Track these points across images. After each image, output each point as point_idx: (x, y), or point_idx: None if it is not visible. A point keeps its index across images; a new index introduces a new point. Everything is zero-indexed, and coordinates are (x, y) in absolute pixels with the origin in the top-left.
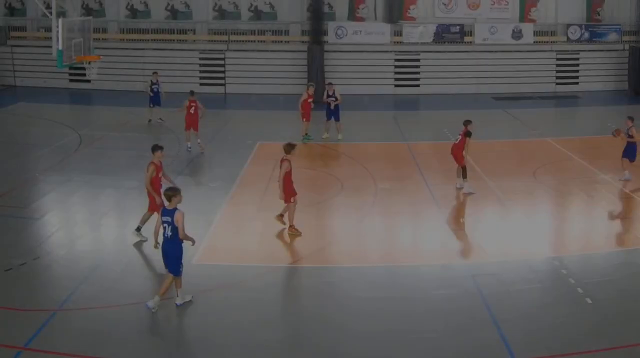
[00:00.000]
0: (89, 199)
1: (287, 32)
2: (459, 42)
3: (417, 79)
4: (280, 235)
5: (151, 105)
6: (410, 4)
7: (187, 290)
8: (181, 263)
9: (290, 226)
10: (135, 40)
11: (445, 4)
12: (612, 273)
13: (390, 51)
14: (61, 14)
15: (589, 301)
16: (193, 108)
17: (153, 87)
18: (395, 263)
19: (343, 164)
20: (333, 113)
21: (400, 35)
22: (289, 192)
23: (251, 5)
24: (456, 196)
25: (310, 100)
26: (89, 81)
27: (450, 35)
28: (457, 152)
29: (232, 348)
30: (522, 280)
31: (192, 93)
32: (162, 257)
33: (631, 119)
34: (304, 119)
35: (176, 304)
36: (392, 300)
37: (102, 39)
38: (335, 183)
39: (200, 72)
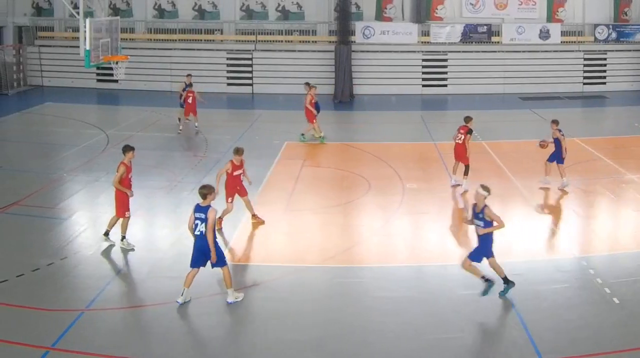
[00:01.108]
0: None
1: (314, 32)
2: (487, 42)
3: (445, 79)
4: (307, 235)
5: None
6: (437, 4)
7: (214, 288)
8: (223, 253)
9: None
10: (162, 40)
11: (472, 4)
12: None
13: (418, 51)
14: (89, 14)
15: (616, 301)
16: (190, 98)
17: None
18: (422, 263)
19: (371, 164)
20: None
21: (428, 35)
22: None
23: (279, 5)
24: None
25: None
26: (116, 81)
27: (478, 35)
28: (462, 151)
29: (258, 348)
30: (549, 280)
31: (190, 85)
32: (199, 254)
33: (555, 122)
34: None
35: (228, 302)
36: (418, 300)
37: (130, 39)
38: (362, 183)
39: (228, 72)
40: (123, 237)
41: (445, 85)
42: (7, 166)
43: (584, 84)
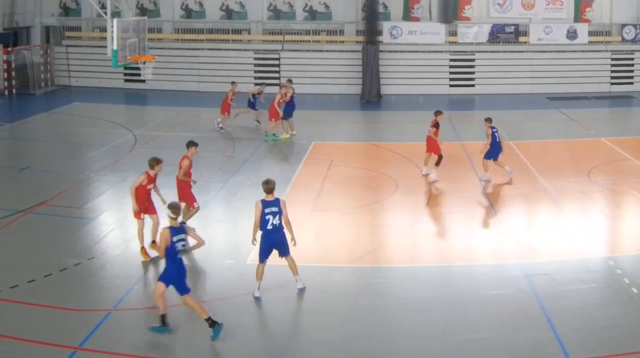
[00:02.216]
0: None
1: (341, 32)
2: (514, 42)
3: (472, 79)
4: (334, 235)
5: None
6: (465, 4)
7: (242, 288)
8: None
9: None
10: (189, 40)
11: (500, 4)
12: None
13: (445, 51)
14: (116, 14)
15: None
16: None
17: (257, 96)
18: (449, 263)
19: (398, 164)
20: (289, 110)
21: (455, 35)
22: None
23: (306, 5)
24: (511, 195)
25: (282, 101)
26: (143, 81)
27: (505, 35)
28: (433, 143)
29: (285, 348)
30: (577, 280)
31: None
32: (269, 247)
33: (488, 119)
34: (275, 119)
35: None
36: (446, 300)
37: (157, 39)
38: (390, 183)
39: (255, 72)
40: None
41: (473, 85)
42: (35, 166)
43: (612, 83)
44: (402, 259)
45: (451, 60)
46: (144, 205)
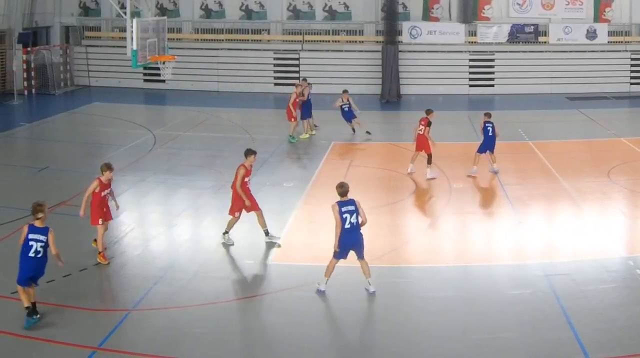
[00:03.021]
0: (163, 199)
1: (361, 32)
2: (534, 42)
3: (492, 79)
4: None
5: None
6: (484, 4)
7: (262, 288)
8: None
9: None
10: (209, 40)
11: (519, 4)
12: None
13: (465, 51)
14: (136, 14)
15: None
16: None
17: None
18: (468, 263)
19: (417, 164)
20: (307, 111)
21: (475, 35)
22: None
23: (326, 5)
24: (530, 195)
25: (298, 99)
26: (163, 81)
27: (525, 35)
28: (424, 141)
29: (306, 348)
30: (596, 280)
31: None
32: (352, 246)
33: (487, 114)
34: (293, 120)
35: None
36: (465, 300)
37: (177, 39)
38: (409, 183)
39: (275, 72)
40: (226, 231)
41: (493, 85)
42: (55, 166)
43: (631, 83)
44: (421, 259)
45: (471, 60)
46: (102, 211)
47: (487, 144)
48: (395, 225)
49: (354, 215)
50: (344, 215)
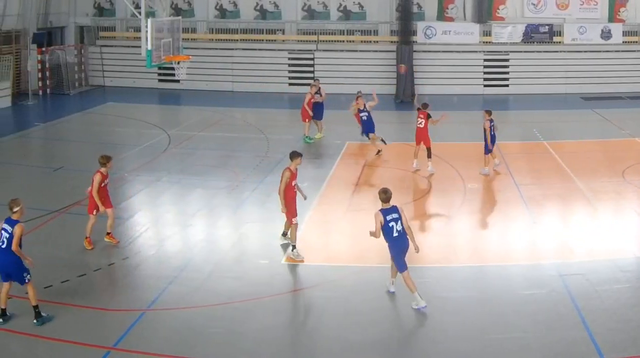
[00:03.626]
0: (178, 199)
1: (376, 32)
2: (548, 42)
3: (506, 79)
4: (368, 235)
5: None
6: (499, 4)
7: (276, 288)
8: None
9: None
10: (224, 40)
11: (534, 4)
12: None
13: (480, 51)
14: (150, 14)
15: None
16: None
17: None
18: (483, 263)
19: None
20: (320, 111)
21: (490, 35)
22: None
23: (340, 5)
24: (545, 195)
25: (314, 100)
26: (178, 81)
27: (540, 35)
28: (425, 134)
29: (321, 349)
30: (611, 279)
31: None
32: (404, 251)
33: (488, 112)
34: (308, 120)
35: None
36: (480, 300)
37: (191, 39)
38: (424, 183)
39: (289, 72)
40: (294, 247)
41: (507, 85)
42: (69, 166)
43: None
44: (436, 259)
45: (485, 60)
46: (102, 201)
47: (493, 142)
48: (410, 225)
49: (399, 222)
50: (390, 224)
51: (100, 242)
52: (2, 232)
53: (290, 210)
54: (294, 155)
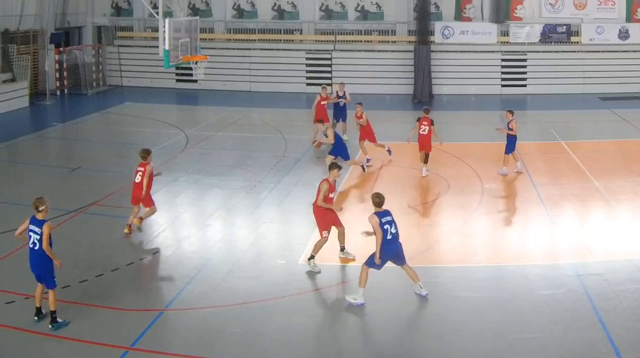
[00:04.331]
0: (196, 199)
1: (393, 32)
2: (566, 42)
3: (524, 79)
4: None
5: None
6: (517, 4)
7: (294, 288)
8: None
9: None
10: (241, 40)
11: (552, 4)
12: None
13: (497, 51)
14: (168, 14)
15: None
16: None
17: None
18: (501, 263)
19: (450, 164)
20: (342, 114)
21: (507, 35)
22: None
23: (358, 5)
24: (562, 195)
25: (323, 102)
26: (195, 81)
27: (557, 35)
28: (428, 141)
29: (338, 347)
30: (629, 280)
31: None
32: (392, 256)
33: (511, 112)
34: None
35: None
36: (498, 300)
37: (209, 39)
38: (442, 183)
39: (307, 72)
40: (312, 256)
41: (525, 85)
42: (87, 166)
43: None
44: (453, 259)
45: (503, 60)
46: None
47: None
48: (427, 225)
49: (393, 225)
50: (385, 226)
51: (118, 243)
52: (31, 234)
53: (324, 222)
54: (332, 166)
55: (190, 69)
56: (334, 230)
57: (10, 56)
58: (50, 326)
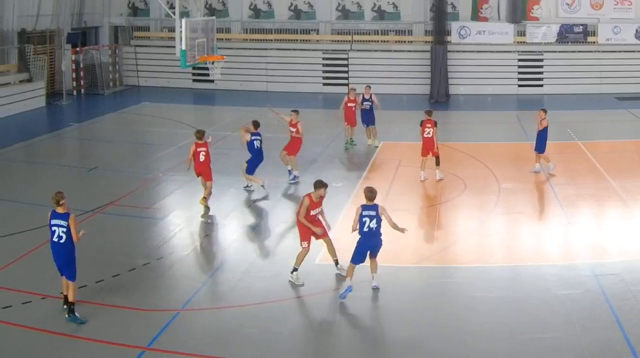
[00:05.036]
0: (212, 199)
1: (410, 32)
2: (583, 42)
3: (541, 79)
4: (402, 236)
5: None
6: (533, 4)
7: (314, 288)
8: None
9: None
10: (258, 40)
11: (568, 4)
12: None
13: (514, 51)
14: (184, 14)
15: None
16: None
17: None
18: (517, 263)
19: (466, 164)
20: (368, 118)
21: (524, 35)
22: None
23: (374, 5)
24: (579, 195)
25: (350, 104)
26: (212, 81)
27: (574, 35)
28: (433, 144)
29: (354, 347)
30: None
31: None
32: (369, 248)
33: (544, 110)
34: (348, 124)
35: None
36: (514, 300)
37: (226, 39)
38: (458, 183)
39: (324, 72)
40: (295, 269)
41: (541, 85)
42: (103, 166)
43: None
44: (470, 259)
45: (520, 60)
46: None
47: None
48: (444, 225)
49: (374, 220)
50: (364, 219)
51: (134, 242)
52: (55, 228)
53: (304, 233)
54: (319, 185)
55: (207, 69)
56: (320, 242)
57: (27, 56)
58: (66, 316)
